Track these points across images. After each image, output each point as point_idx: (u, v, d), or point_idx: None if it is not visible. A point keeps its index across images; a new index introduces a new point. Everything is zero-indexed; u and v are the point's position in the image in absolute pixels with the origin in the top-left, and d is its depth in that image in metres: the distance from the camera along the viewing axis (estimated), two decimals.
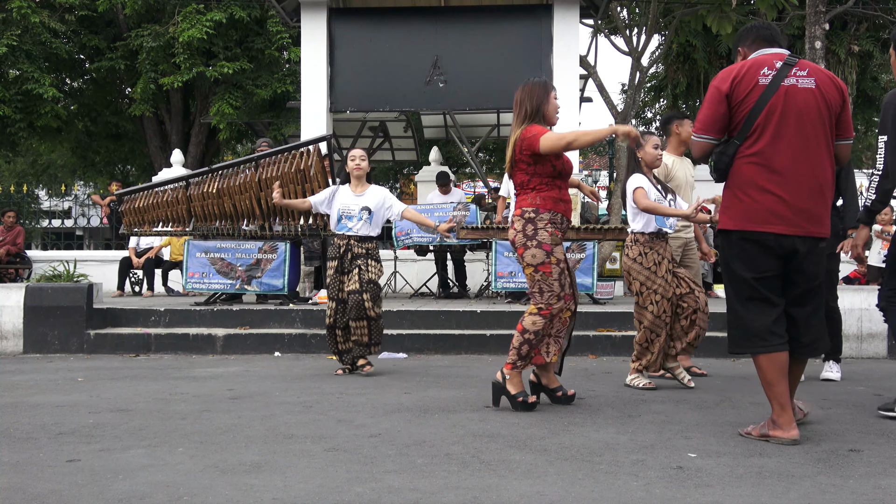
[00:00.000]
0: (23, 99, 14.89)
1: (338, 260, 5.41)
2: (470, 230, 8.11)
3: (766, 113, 3.33)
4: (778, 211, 3.31)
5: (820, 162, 3.35)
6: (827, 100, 3.37)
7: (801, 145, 3.32)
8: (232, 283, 7.60)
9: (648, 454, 3.19)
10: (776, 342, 3.35)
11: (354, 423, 3.79)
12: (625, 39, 13.64)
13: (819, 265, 3.43)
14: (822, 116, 3.35)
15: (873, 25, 13.49)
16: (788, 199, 3.31)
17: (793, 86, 3.34)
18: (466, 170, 23.82)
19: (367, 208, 5.42)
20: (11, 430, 3.69)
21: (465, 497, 2.63)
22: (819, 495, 2.66)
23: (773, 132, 3.33)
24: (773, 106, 3.33)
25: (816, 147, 3.34)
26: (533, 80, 4.20)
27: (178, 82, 14.37)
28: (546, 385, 4.31)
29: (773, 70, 3.36)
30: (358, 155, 5.50)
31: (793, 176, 3.32)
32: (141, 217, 7.70)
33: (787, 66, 3.37)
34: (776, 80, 3.34)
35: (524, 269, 4.13)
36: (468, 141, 13.06)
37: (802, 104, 3.33)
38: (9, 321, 6.90)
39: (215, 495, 2.65)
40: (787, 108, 3.32)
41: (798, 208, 3.31)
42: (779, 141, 3.32)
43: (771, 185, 3.32)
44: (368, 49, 9.96)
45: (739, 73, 3.39)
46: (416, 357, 6.50)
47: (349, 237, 5.42)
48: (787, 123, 3.32)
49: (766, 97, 3.33)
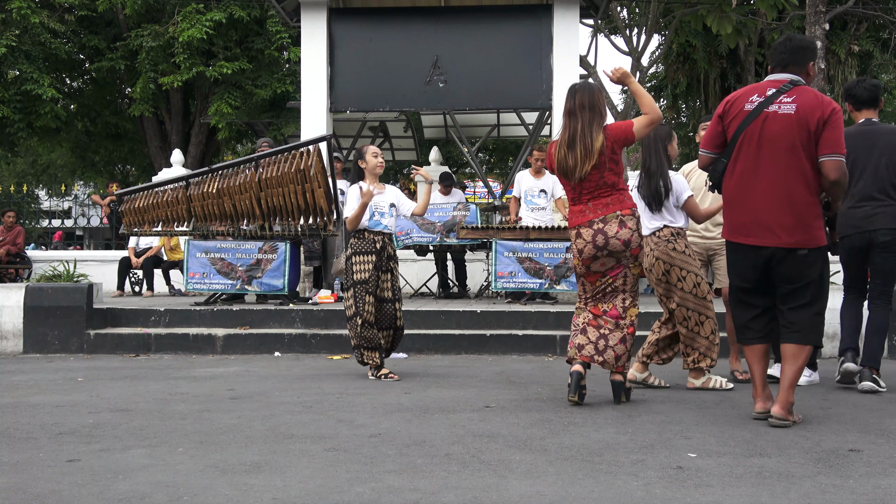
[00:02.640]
0: (22, 99, 14.89)
1: (376, 255, 5.21)
2: (470, 230, 8.11)
3: (743, 137, 3.79)
4: (750, 225, 3.80)
5: (791, 181, 3.70)
6: (806, 123, 3.69)
7: (772, 167, 3.72)
8: (232, 284, 7.61)
9: (648, 454, 3.19)
10: (751, 336, 3.94)
11: (354, 423, 3.79)
12: (625, 39, 13.64)
13: (800, 270, 3.77)
14: (795, 140, 3.69)
15: (873, 25, 13.49)
16: (759, 215, 3.76)
17: (774, 112, 3.74)
18: (466, 170, 23.83)
19: (393, 205, 5.39)
20: (11, 430, 3.69)
21: (465, 497, 2.63)
22: (819, 495, 2.66)
23: (749, 155, 3.77)
24: (752, 131, 3.77)
25: (787, 168, 3.71)
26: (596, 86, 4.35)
27: (178, 82, 14.37)
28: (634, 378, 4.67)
29: (761, 97, 3.79)
30: (379, 152, 5.43)
31: (762, 194, 3.75)
32: (141, 217, 7.69)
33: (779, 92, 3.77)
34: (760, 106, 3.77)
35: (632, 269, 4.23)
36: (468, 141, 13.06)
37: (778, 129, 3.72)
38: (9, 321, 6.89)
39: (215, 495, 2.65)
40: (763, 133, 3.74)
41: (769, 222, 3.74)
42: (752, 163, 3.77)
43: (745, 202, 3.80)
44: (368, 49, 9.95)
45: (733, 98, 3.90)
46: (416, 357, 6.50)
47: (384, 234, 5.31)
48: (762, 147, 3.74)
49: (747, 122, 3.78)
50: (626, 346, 4.21)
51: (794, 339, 3.80)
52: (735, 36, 10.53)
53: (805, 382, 5.01)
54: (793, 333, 3.81)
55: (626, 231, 4.14)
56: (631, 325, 4.22)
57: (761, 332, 3.92)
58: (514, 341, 6.63)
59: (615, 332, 4.22)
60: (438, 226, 8.82)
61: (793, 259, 3.75)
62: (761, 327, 3.92)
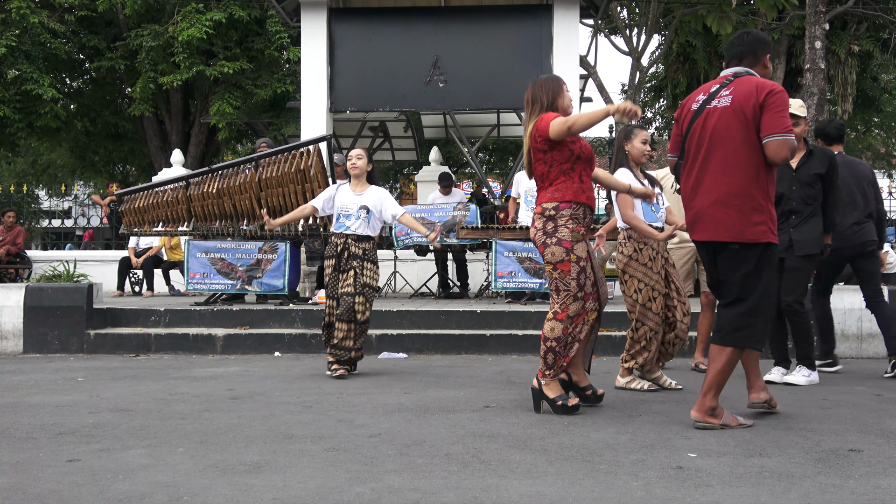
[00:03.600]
0: (22, 99, 14.89)
1: (335, 258, 5.38)
2: (470, 230, 8.10)
3: (690, 136, 3.79)
4: (694, 222, 3.78)
5: (730, 174, 3.63)
6: (742, 111, 3.61)
7: (712, 162, 3.68)
8: (233, 284, 7.61)
9: (648, 454, 3.19)
10: None
11: (354, 423, 3.79)
12: (625, 39, 13.64)
13: (732, 265, 3.70)
14: (732, 132, 3.63)
15: (873, 25, 13.48)
16: (701, 210, 3.72)
17: (713, 107, 3.71)
18: (466, 170, 23.82)
19: (365, 207, 5.40)
20: (11, 430, 3.69)
21: (465, 497, 2.63)
22: (819, 495, 2.66)
23: (693, 153, 3.76)
24: (695, 129, 3.76)
25: (725, 161, 3.64)
26: (545, 76, 4.22)
27: (178, 81, 14.36)
28: (576, 383, 4.21)
29: (706, 95, 3.77)
30: (355, 154, 5.49)
31: (704, 190, 3.71)
32: (141, 217, 7.70)
33: (721, 87, 3.73)
34: (703, 104, 3.75)
35: (545, 265, 4.09)
36: (468, 141, 13.06)
37: (716, 123, 3.68)
38: (9, 321, 6.90)
39: (215, 495, 2.65)
40: (705, 130, 3.72)
41: (707, 217, 3.69)
42: (696, 160, 3.74)
43: (690, 200, 3.78)
44: (368, 49, 9.96)
45: (685, 101, 3.91)
46: (416, 357, 6.50)
47: (346, 236, 5.38)
48: (703, 144, 3.71)
49: (692, 122, 3.78)
50: (543, 346, 4.02)
51: (714, 338, 3.73)
52: None
53: (805, 382, 5.02)
54: (715, 333, 3.75)
55: (533, 230, 4.13)
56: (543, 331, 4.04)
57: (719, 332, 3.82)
58: (514, 341, 6.63)
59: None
60: (438, 226, 8.81)
61: (727, 253, 3.69)
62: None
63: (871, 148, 22.28)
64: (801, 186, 4.97)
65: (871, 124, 18.54)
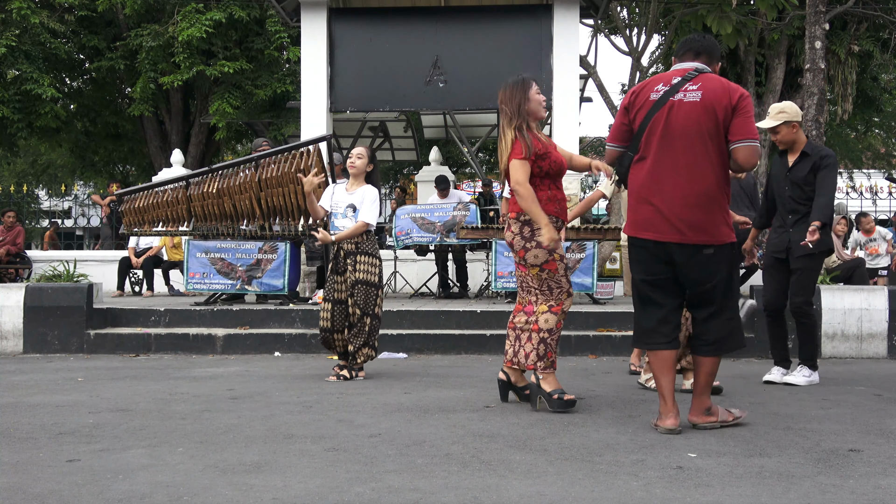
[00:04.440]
0: (22, 99, 14.89)
1: (333, 260, 5.36)
2: (470, 230, 8.11)
3: (649, 128, 3.56)
4: (653, 220, 3.55)
5: (700, 173, 3.49)
6: (714, 110, 3.47)
7: (680, 159, 3.50)
8: (233, 284, 7.61)
9: (648, 454, 3.19)
10: (659, 341, 3.63)
11: (354, 423, 3.79)
12: (625, 39, 13.64)
13: (706, 271, 3.56)
14: (703, 129, 3.48)
15: (873, 25, 13.48)
16: (664, 209, 3.52)
17: (679, 101, 3.52)
18: (466, 170, 23.84)
19: (352, 206, 5.33)
20: (11, 430, 3.69)
21: (465, 497, 2.63)
22: (819, 495, 2.66)
23: (655, 146, 3.54)
24: (657, 121, 3.54)
25: (695, 159, 3.49)
26: (510, 81, 4.17)
27: (178, 81, 14.36)
28: (514, 383, 4.27)
29: (667, 86, 3.57)
30: (355, 153, 5.44)
31: (669, 188, 3.51)
32: (141, 217, 7.70)
33: (684, 80, 3.55)
34: (665, 96, 3.54)
35: (528, 270, 4.09)
36: (468, 141, 13.08)
37: (684, 119, 3.50)
38: (9, 321, 6.89)
39: (215, 495, 2.65)
40: (669, 123, 3.52)
41: (674, 218, 3.50)
42: (659, 155, 3.54)
43: (650, 197, 3.55)
44: (368, 49, 9.96)
45: (638, 89, 3.67)
46: (416, 357, 6.50)
47: None
48: (668, 138, 3.52)
49: (652, 113, 3.55)
50: (532, 343, 4.06)
51: (709, 351, 3.61)
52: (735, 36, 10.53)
53: (805, 382, 5.02)
54: (708, 346, 3.61)
55: (509, 234, 4.17)
56: (535, 323, 4.07)
57: (669, 337, 3.63)
58: None
59: (524, 331, 4.13)
60: (438, 226, 8.81)
61: (699, 258, 3.53)
62: (669, 331, 3.63)
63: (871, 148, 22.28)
64: (795, 186, 4.95)
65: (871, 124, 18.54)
